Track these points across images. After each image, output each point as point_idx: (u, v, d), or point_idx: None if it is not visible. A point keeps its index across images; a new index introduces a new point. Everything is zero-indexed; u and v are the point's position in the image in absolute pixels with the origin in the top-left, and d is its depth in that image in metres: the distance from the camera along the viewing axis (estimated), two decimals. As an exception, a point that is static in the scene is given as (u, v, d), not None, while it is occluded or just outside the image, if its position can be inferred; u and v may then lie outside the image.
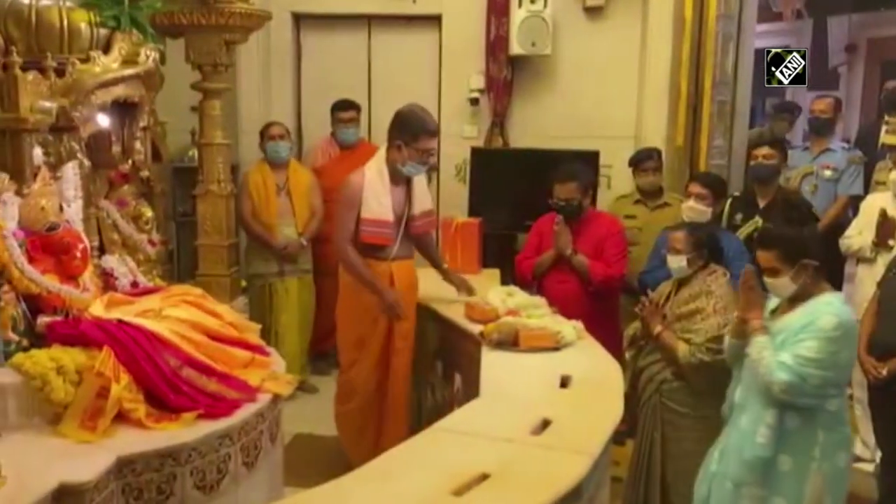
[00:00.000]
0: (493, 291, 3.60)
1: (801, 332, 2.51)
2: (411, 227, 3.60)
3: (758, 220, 3.95)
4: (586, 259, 3.85)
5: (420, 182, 3.65)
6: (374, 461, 2.17)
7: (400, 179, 3.54)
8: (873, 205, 3.97)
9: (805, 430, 2.56)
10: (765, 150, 4.07)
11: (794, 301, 2.65)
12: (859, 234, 4.00)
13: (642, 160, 4.40)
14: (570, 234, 3.87)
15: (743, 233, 3.95)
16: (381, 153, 3.54)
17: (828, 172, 4.78)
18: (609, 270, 3.84)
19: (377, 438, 3.58)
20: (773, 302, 2.77)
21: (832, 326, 2.46)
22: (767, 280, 2.64)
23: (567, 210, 3.88)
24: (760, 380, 2.55)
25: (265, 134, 4.72)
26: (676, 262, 3.13)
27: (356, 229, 3.48)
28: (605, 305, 3.92)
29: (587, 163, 4.44)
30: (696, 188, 3.73)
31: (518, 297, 3.59)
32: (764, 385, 2.54)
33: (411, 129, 3.45)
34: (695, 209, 3.67)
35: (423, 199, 3.65)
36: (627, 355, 3.29)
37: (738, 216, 4.04)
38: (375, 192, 3.47)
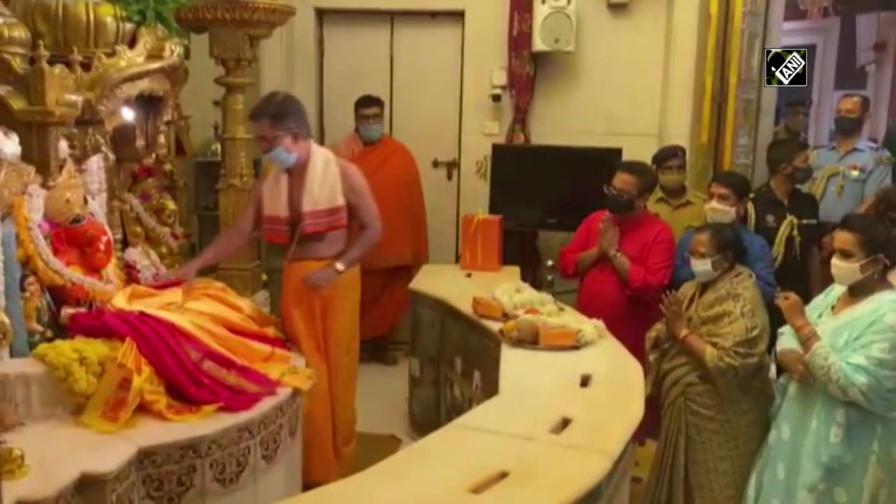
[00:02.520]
0: (501, 287, 3.58)
1: (867, 332, 2.61)
2: (305, 226, 3.31)
3: (792, 220, 3.93)
4: (628, 262, 3.73)
5: (319, 176, 3.31)
6: (393, 457, 2.18)
7: (296, 174, 3.33)
8: (899, 209, 3.93)
9: (864, 423, 2.67)
10: (805, 154, 4.11)
11: (854, 295, 2.75)
12: (888, 238, 3.95)
13: (666, 158, 4.34)
14: (616, 234, 3.77)
15: (783, 234, 3.91)
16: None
17: (855, 173, 4.71)
18: (648, 278, 3.68)
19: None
20: (831, 296, 2.85)
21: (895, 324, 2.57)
22: (836, 262, 2.74)
23: (615, 201, 3.77)
24: (832, 386, 2.62)
25: None
26: (701, 266, 3.09)
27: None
28: (645, 311, 3.63)
29: (610, 160, 4.38)
30: (718, 188, 3.65)
31: (526, 293, 3.58)
32: (839, 390, 2.61)
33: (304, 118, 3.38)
34: (718, 210, 3.59)
35: (318, 194, 3.30)
36: (651, 357, 3.25)
37: (770, 218, 3.98)
38: (270, 188, 3.38)
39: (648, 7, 5.15)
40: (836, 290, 2.86)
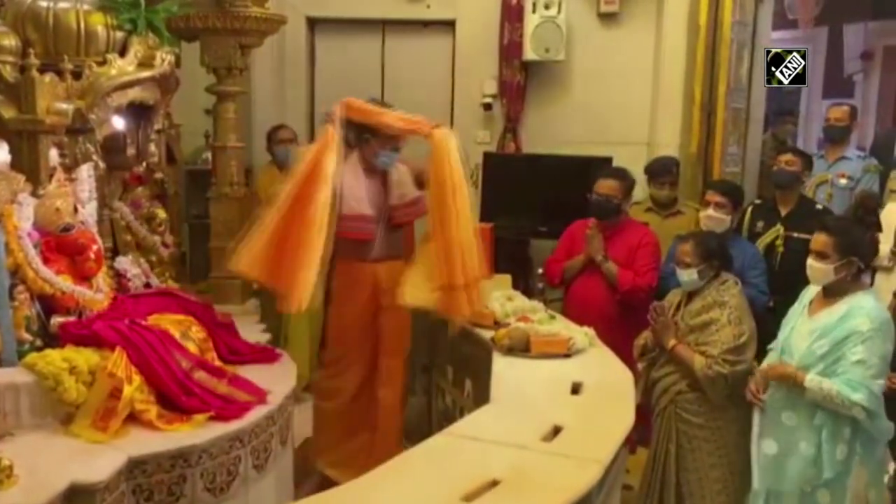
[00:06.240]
0: (492, 295, 3.58)
1: (845, 343, 2.67)
2: (394, 218, 3.54)
3: (779, 228, 3.91)
4: (616, 266, 3.75)
5: (398, 172, 3.56)
6: (384, 466, 2.17)
7: (375, 173, 3.50)
8: (892, 214, 3.94)
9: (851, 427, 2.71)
10: (787, 157, 4.02)
11: (828, 296, 2.80)
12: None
13: (660, 173, 4.33)
14: (602, 240, 3.79)
15: (764, 241, 3.91)
16: (353, 154, 3.47)
17: (843, 181, 4.74)
18: (637, 280, 3.71)
19: (361, 449, 3.55)
20: (805, 299, 2.90)
21: (868, 328, 2.65)
22: (812, 263, 2.80)
23: (604, 207, 3.79)
24: (841, 410, 2.68)
25: (273, 137, 4.73)
26: (687, 276, 3.10)
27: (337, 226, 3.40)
28: (633, 315, 3.62)
29: (601, 168, 4.37)
30: (715, 197, 3.64)
31: (517, 301, 3.59)
32: (844, 409, 2.67)
33: None
34: (714, 218, 3.58)
35: (402, 188, 3.55)
36: (639, 366, 3.26)
37: (760, 224, 3.99)
38: (350, 187, 3.41)
39: (638, 17, 5.19)
40: (809, 292, 2.92)
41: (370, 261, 3.51)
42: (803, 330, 2.83)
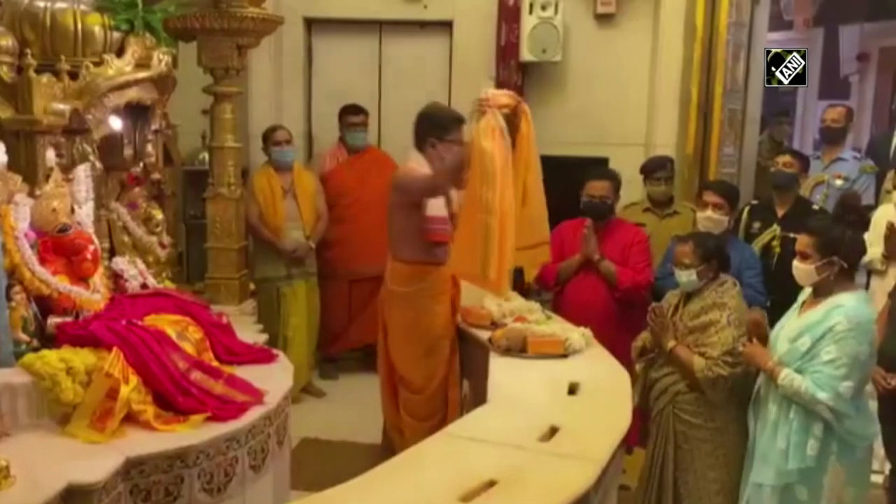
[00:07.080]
0: (489, 296, 3.59)
1: (821, 341, 2.69)
2: (454, 222, 3.52)
3: (776, 229, 3.91)
4: (613, 265, 3.78)
5: None
6: (381, 466, 2.17)
7: None
8: (884, 217, 3.96)
9: (824, 425, 2.72)
10: (785, 158, 4.04)
11: (817, 296, 2.82)
12: (870, 246, 3.96)
13: (655, 169, 4.34)
14: (596, 240, 3.80)
15: (761, 241, 3.92)
16: (419, 159, 3.41)
17: (839, 181, 4.75)
18: (637, 277, 3.76)
19: None
20: (800, 300, 2.92)
21: (844, 328, 2.66)
22: (796, 264, 2.83)
23: (599, 208, 3.83)
24: (810, 407, 2.70)
25: (269, 139, 4.73)
26: (686, 277, 3.10)
27: (422, 228, 3.40)
28: (631, 314, 3.71)
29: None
30: (712, 197, 3.64)
31: (514, 301, 3.59)
32: (811, 406, 2.69)
33: (441, 123, 3.38)
34: (712, 219, 3.59)
35: (457, 195, 3.55)
36: (637, 367, 3.26)
37: (757, 224, 4.00)
38: None
39: (635, 18, 5.20)
40: (804, 293, 2.94)
41: (447, 264, 3.41)
42: (789, 328, 2.86)
